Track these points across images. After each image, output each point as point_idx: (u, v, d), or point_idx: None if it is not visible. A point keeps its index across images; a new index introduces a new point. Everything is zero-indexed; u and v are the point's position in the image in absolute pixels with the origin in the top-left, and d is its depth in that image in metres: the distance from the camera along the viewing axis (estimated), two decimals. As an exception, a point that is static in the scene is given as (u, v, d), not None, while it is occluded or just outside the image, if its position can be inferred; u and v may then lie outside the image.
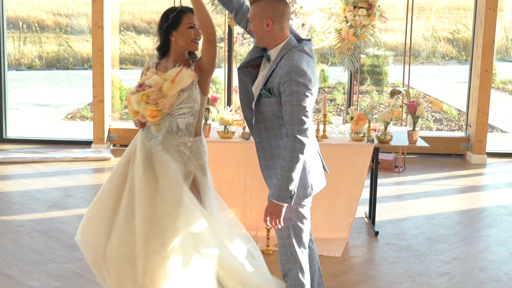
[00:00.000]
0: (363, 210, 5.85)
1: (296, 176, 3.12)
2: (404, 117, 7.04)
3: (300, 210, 3.30)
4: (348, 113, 5.20)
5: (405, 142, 5.23)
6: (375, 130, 5.22)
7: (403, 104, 6.97)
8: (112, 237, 3.26)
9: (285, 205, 3.16)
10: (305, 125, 3.10)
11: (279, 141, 3.28)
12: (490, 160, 7.90)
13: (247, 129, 4.96)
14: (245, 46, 9.85)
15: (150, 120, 3.24)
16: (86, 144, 8.22)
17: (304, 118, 3.09)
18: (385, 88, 12.14)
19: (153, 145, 3.30)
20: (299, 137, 3.09)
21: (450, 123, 10.81)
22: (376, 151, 5.22)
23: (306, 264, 3.38)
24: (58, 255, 4.79)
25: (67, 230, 5.28)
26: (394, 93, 5.73)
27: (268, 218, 3.18)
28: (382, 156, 7.31)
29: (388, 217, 5.81)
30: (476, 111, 7.79)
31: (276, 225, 3.19)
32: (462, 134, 8.40)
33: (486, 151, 7.89)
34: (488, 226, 5.66)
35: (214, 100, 5.01)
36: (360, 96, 11.04)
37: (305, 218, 3.34)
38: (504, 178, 7.22)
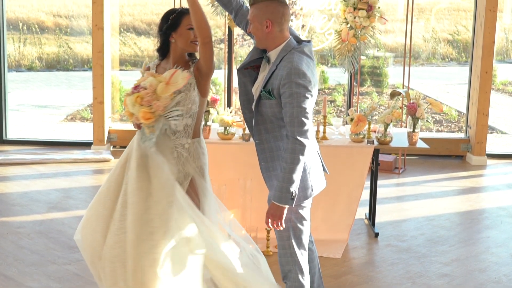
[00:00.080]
0: (363, 212, 5.85)
1: (297, 178, 3.12)
2: (404, 119, 7.04)
3: (300, 212, 3.30)
4: (348, 115, 5.20)
5: (405, 144, 5.23)
6: (375, 132, 5.22)
7: (403, 106, 6.96)
8: (108, 238, 3.26)
9: (287, 207, 3.15)
10: (305, 127, 3.10)
11: (279, 143, 3.28)
12: (490, 162, 7.90)
13: (247, 131, 4.96)
14: (245, 48, 9.84)
15: (144, 122, 3.23)
16: (86, 146, 8.21)
17: (304, 120, 3.09)
18: (385, 90, 12.14)
19: (148, 147, 3.29)
20: (299, 139, 3.09)
21: (450, 125, 10.81)
22: (376, 153, 5.22)
23: (306, 266, 3.37)
24: (58, 257, 4.79)
25: (67, 232, 5.28)
26: (394, 95, 5.73)
27: (270, 220, 3.18)
28: (382, 158, 7.31)
29: (388, 219, 5.80)
30: (476, 113, 7.78)
31: (278, 227, 3.19)
32: (462, 136, 8.40)
33: (486, 153, 7.88)
34: (488, 228, 5.66)
35: (214, 102, 5.01)
36: (360, 98, 11.04)
37: (305, 220, 3.33)
38: (504, 180, 7.21)
